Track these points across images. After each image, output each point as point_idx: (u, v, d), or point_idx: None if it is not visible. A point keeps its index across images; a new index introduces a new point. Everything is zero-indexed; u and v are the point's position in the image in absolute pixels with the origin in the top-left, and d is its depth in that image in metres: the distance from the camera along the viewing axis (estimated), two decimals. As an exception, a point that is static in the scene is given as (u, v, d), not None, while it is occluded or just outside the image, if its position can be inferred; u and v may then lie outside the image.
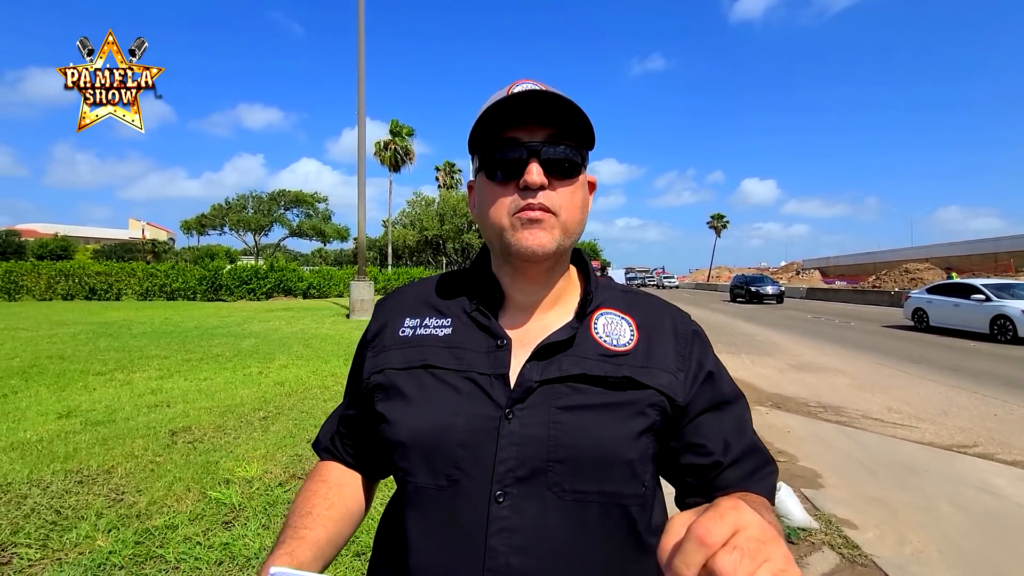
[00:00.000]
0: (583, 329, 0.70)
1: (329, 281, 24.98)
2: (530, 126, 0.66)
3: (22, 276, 18.97)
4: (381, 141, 43.05)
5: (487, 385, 0.65)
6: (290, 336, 9.80)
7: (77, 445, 3.74)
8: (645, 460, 0.65)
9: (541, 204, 0.64)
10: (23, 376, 5.97)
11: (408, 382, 0.68)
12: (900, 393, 6.22)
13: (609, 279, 0.80)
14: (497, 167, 0.66)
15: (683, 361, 0.70)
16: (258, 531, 2.59)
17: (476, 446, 0.63)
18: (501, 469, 0.61)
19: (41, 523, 2.62)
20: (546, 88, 0.66)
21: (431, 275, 0.84)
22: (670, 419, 0.67)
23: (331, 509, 0.72)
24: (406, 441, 0.66)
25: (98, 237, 67.30)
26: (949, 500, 3.22)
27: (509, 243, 0.66)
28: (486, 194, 0.69)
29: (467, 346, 0.69)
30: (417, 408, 0.66)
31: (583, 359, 0.66)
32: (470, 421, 0.64)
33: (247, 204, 48.71)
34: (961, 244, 41.01)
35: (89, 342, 8.59)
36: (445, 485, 0.63)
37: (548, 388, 0.65)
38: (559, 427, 0.63)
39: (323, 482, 0.76)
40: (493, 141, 0.67)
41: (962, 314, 12.01)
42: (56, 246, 44.33)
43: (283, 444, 3.81)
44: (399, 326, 0.74)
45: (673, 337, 0.71)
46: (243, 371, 6.47)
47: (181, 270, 21.87)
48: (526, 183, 0.64)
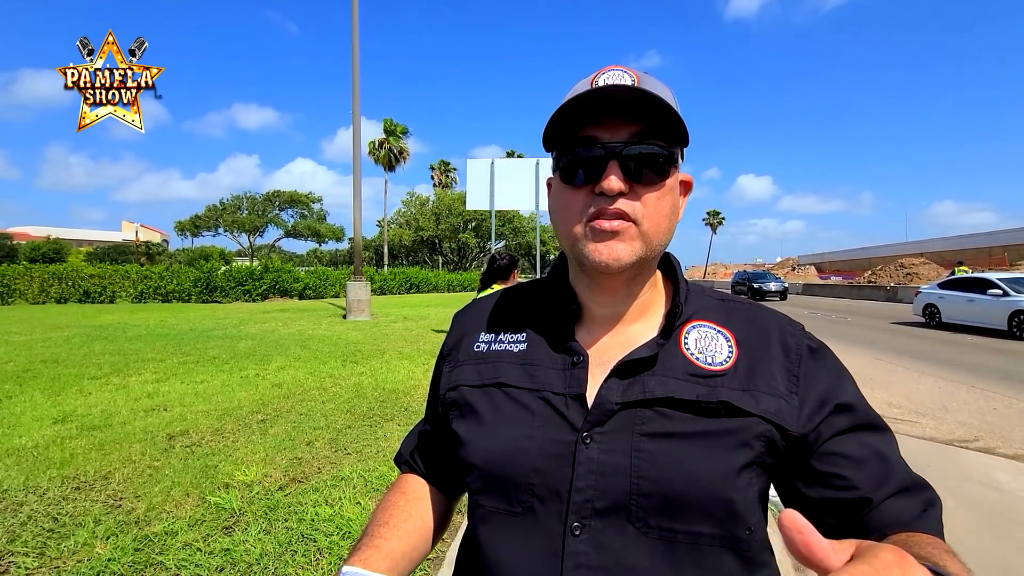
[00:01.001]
0: (671, 344, 0.62)
1: (325, 282, 24.87)
2: (611, 122, 0.58)
3: (15, 280, 18.78)
4: (375, 140, 42.92)
5: (562, 406, 0.60)
6: (287, 337, 9.75)
7: (73, 451, 3.69)
8: (749, 500, 0.56)
9: (618, 211, 0.57)
10: (17, 381, 5.90)
11: (481, 400, 0.65)
12: (900, 388, 6.24)
13: (701, 285, 0.72)
14: (572, 169, 0.60)
15: (795, 383, 0.60)
16: (259, 536, 2.55)
17: (551, 472, 0.58)
18: (578, 499, 0.56)
19: (38, 531, 2.58)
20: (636, 77, 0.60)
21: (522, 280, 0.81)
22: (783, 452, 0.58)
23: (408, 521, 0.69)
24: (479, 464, 0.63)
25: (91, 239, 66.86)
26: (952, 495, 3.22)
27: (582, 253, 0.59)
28: (560, 197, 0.62)
29: (541, 363, 0.65)
30: (490, 430, 0.63)
31: (670, 379, 0.59)
32: (544, 445, 0.59)
33: (242, 205, 48.53)
34: (955, 239, 41.24)
35: (84, 346, 8.51)
36: (519, 512, 0.59)
37: (631, 412, 0.58)
38: (644, 457, 0.56)
39: (402, 494, 0.74)
40: (570, 139, 0.60)
41: (977, 310, 11.59)
42: (49, 249, 44.00)
43: (282, 447, 3.78)
44: (474, 341, 0.71)
45: (783, 353, 0.62)
46: (240, 373, 6.42)
47: (175, 272, 21.72)
48: (602, 189, 0.57)
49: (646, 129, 0.58)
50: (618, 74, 0.60)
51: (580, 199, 0.59)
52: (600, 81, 0.60)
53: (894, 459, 0.58)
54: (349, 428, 4.25)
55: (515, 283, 0.81)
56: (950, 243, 40.92)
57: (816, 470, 0.57)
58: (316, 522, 2.70)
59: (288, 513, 2.80)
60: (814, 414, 0.58)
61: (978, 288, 11.81)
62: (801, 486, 0.58)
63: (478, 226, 47.21)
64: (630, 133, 0.58)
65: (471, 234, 48.12)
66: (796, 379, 0.60)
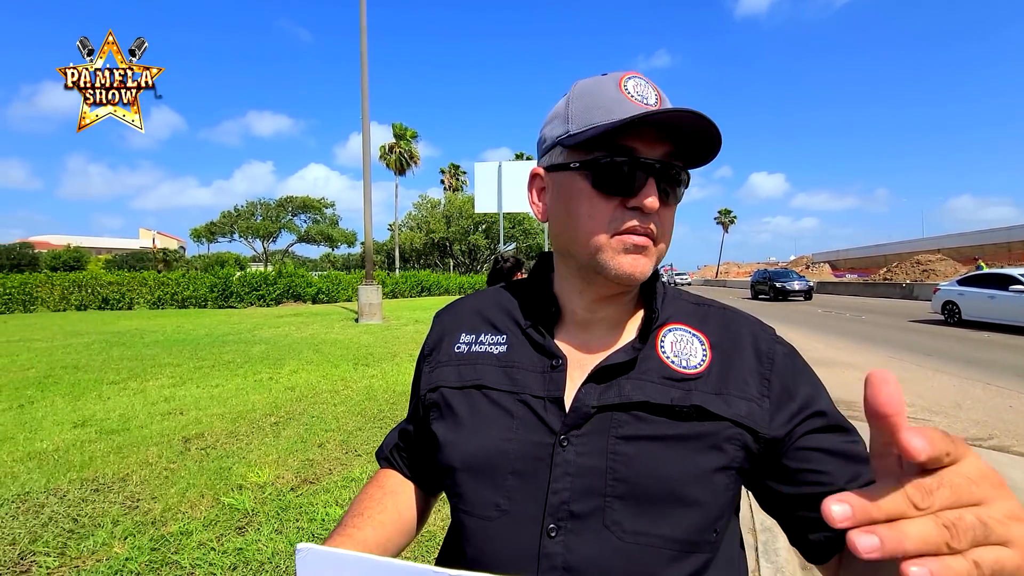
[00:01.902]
0: (647, 349, 0.63)
1: (337, 286, 25.10)
2: (649, 138, 0.58)
3: (36, 287, 19.24)
4: (386, 145, 43.31)
5: (541, 409, 0.61)
6: (300, 341, 9.87)
7: (93, 454, 3.80)
8: (720, 503, 0.57)
9: (649, 230, 0.59)
10: (39, 386, 6.06)
11: (461, 402, 0.66)
12: (913, 386, 6.16)
13: (677, 289, 0.73)
14: (608, 178, 0.58)
15: (767, 386, 0.61)
16: (271, 536, 2.61)
17: (529, 474, 0.59)
18: (554, 500, 0.57)
19: (59, 531, 2.67)
20: (658, 93, 0.60)
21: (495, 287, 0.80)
22: (755, 455, 0.59)
23: (383, 513, 0.70)
24: (458, 466, 0.63)
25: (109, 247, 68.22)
26: (964, 494, 3.19)
27: (606, 265, 0.59)
28: (583, 202, 0.60)
29: (521, 365, 0.65)
30: (469, 432, 0.63)
31: (646, 383, 0.60)
32: (523, 448, 0.60)
33: (256, 211, 49.11)
34: (973, 234, 40.48)
35: (103, 351, 8.71)
36: (495, 516, 0.60)
37: (607, 415, 0.59)
38: (618, 459, 0.57)
39: (379, 487, 0.75)
40: (607, 144, 0.58)
41: (1000, 307, 11.27)
42: (69, 257, 45.01)
43: (294, 449, 3.85)
44: (455, 341, 0.72)
45: (754, 357, 0.63)
46: (254, 377, 6.53)
47: (192, 278, 22.07)
48: (641, 206, 0.57)
49: (675, 150, 0.59)
50: (644, 84, 0.60)
51: (610, 209, 0.59)
52: (630, 88, 0.59)
53: (866, 457, 0.57)
54: (360, 430, 4.31)
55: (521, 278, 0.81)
56: (968, 239, 40.18)
57: (789, 468, 0.58)
58: (327, 522, 2.75)
59: (299, 513, 2.86)
60: (788, 419, 0.59)
61: (1000, 284, 11.50)
62: (775, 485, 0.59)
63: (488, 228, 47.32)
64: (665, 151, 0.58)
65: (481, 236, 48.24)
66: (768, 383, 0.61)
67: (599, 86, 0.60)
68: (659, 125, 0.57)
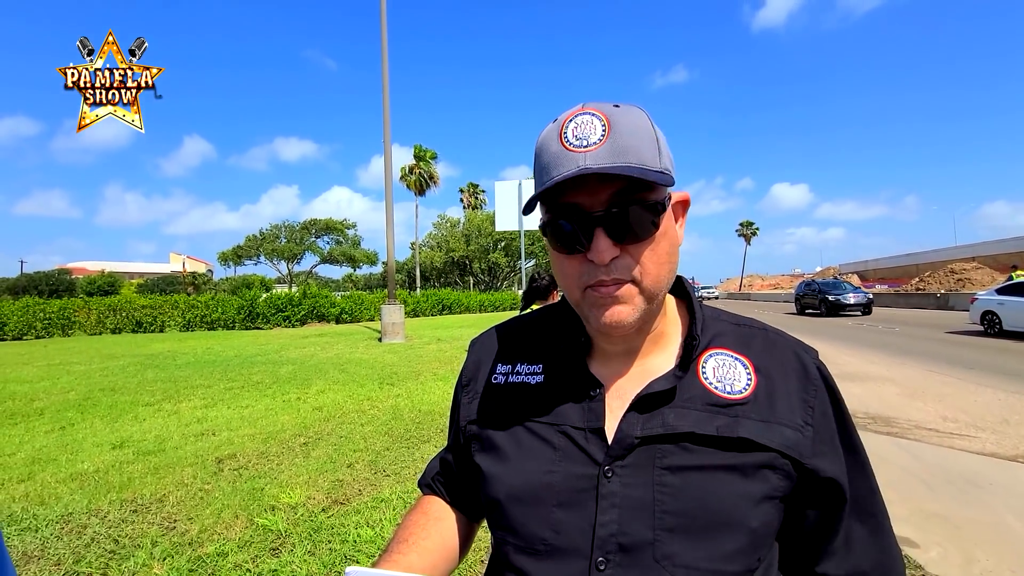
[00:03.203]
0: (688, 375, 0.62)
1: (360, 306, 25.46)
2: (592, 187, 0.55)
3: (74, 312, 20.00)
4: (406, 166, 44.08)
5: (582, 440, 0.60)
6: (325, 362, 10.00)
7: (131, 475, 3.89)
8: (765, 533, 0.57)
9: (616, 278, 0.56)
10: (79, 409, 6.26)
11: (502, 435, 0.66)
12: (955, 401, 5.92)
13: (716, 309, 0.72)
14: (560, 238, 0.58)
15: (810, 413, 0.60)
16: (304, 557, 2.63)
17: (575, 507, 0.58)
18: (602, 533, 0.56)
19: (101, 552, 2.73)
20: (607, 122, 0.54)
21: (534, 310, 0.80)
22: (796, 483, 0.59)
23: (427, 540, 0.69)
24: (503, 500, 0.62)
25: (141, 272, 70.55)
26: (1018, 515, 3.03)
27: (586, 316, 0.60)
28: (555, 261, 0.61)
29: (559, 396, 0.64)
30: (513, 465, 0.63)
31: (690, 411, 0.59)
32: (567, 480, 0.59)
33: (280, 234, 50.41)
34: (1010, 241, 38.96)
35: (137, 374, 8.96)
36: (542, 550, 0.59)
37: (651, 446, 0.58)
38: (666, 490, 0.56)
39: (423, 514, 0.75)
40: (552, 205, 0.58)
41: None
42: (103, 282, 46.67)
43: (324, 470, 3.88)
44: (492, 371, 0.72)
45: (799, 382, 0.62)
46: (282, 397, 6.63)
47: (220, 301, 22.66)
48: (592, 259, 0.55)
49: (628, 185, 0.55)
50: (587, 121, 0.55)
51: (574, 266, 0.58)
52: (569, 135, 0.55)
53: (879, 530, 0.66)
54: (387, 450, 4.33)
55: (555, 302, 0.82)
56: (1005, 245, 38.71)
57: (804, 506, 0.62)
58: (359, 543, 2.76)
59: (331, 535, 2.87)
60: (820, 445, 0.60)
61: None
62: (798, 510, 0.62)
63: (507, 246, 47.59)
64: (611, 193, 0.55)
65: (501, 254, 48.49)
66: (812, 410, 0.60)
67: (545, 141, 0.57)
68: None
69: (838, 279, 25.41)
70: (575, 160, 0.53)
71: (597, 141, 0.54)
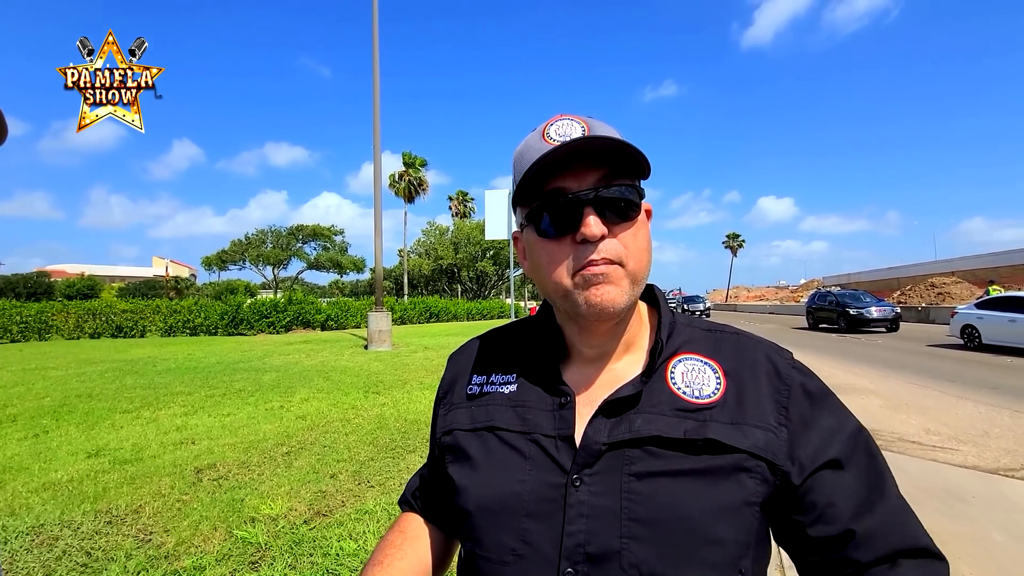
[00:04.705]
0: (656, 380, 0.61)
1: (346, 312, 25.22)
2: (578, 171, 0.58)
3: (52, 316, 19.52)
4: (395, 173, 44.00)
5: (552, 448, 0.60)
6: (310, 369, 9.86)
7: (106, 484, 3.77)
8: (743, 541, 0.55)
9: (605, 258, 0.57)
10: (54, 416, 6.07)
11: (475, 445, 0.65)
12: (937, 414, 6.00)
13: (689, 316, 0.72)
14: (548, 223, 0.59)
15: (784, 414, 0.59)
16: (285, 571, 2.56)
17: (544, 516, 0.58)
18: (570, 543, 0.56)
19: (72, 565, 2.63)
20: (586, 125, 0.61)
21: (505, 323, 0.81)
22: (778, 487, 0.57)
23: (403, 560, 0.69)
24: (472, 510, 0.62)
25: (123, 276, 69.28)
26: (1001, 528, 3.06)
27: (576, 303, 0.59)
28: (539, 252, 0.62)
29: (531, 404, 0.64)
30: (484, 475, 0.63)
31: (657, 416, 0.58)
32: (536, 489, 0.59)
33: (266, 239, 49.85)
34: (988, 256, 39.93)
35: (116, 380, 8.75)
36: (510, 560, 0.58)
37: (619, 452, 0.58)
38: (633, 498, 0.55)
39: (400, 533, 0.75)
40: (538, 193, 0.60)
41: (1021, 330, 11.05)
42: (83, 286, 45.73)
43: (307, 480, 3.80)
44: (467, 383, 0.72)
45: (771, 383, 0.61)
46: (265, 405, 6.51)
47: (203, 306, 22.29)
48: (584, 236, 0.57)
49: (611, 172, 0.59)
50: (567, 123, 0.61)
51: (563, 250, 0.59)
52: (552, 132, 0.60)
53: (882, 487, 0.57)
54: (372, 460, 4.25)
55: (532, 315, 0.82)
56: (983, 260, 39.64)
57: (803, 504, 0.57)
58: (341, 557, 2.69)
59: (313, 547, 2.80)
60: (799, 442, 0.57)
61: (1020, 307, 11.31)
62: (797, 518, 0.57)
63: (496, 254, 47.59)
64: (597, 178, 0.58)
65: (489, 262, 48.48)
66: (785, 411, 0.59)
67: (528, 143, 0.62)
68: (587, 155, 0.58)
69: (858, 291, 21.34)
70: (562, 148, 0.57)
71: (579, 136, 0.59)
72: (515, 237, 0.70)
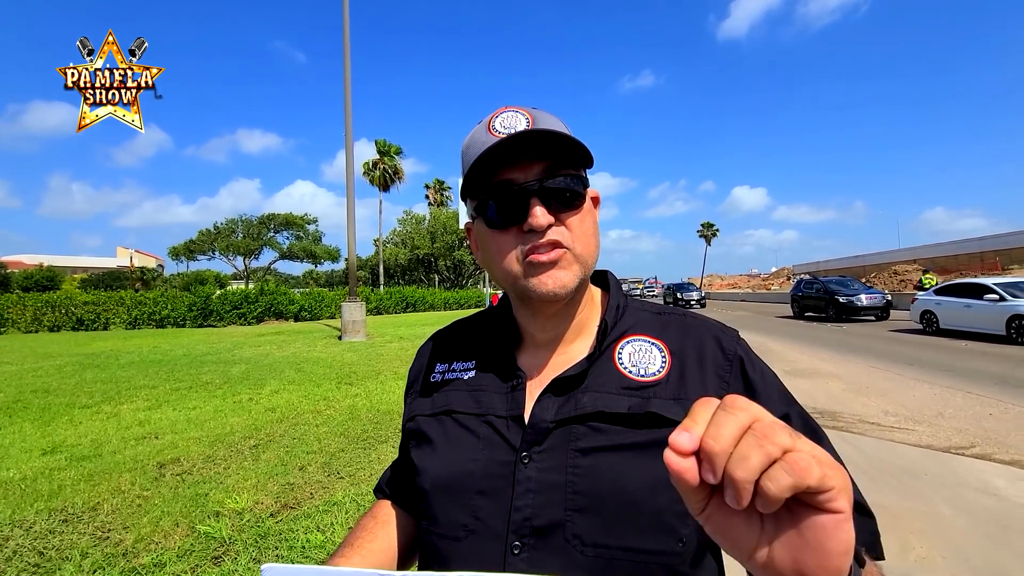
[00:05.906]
0: (604, 360, 0.64)
1: (320, 303, 24.79)
2: (523, 163, 0.61)
3: (7, 309, 18.65)
4: (370, 161, 43.21)
5: (503, 428, 0.63)
6: (281, 360, 9.68)
7: (62, 482, 3.64)
8: (682, 510, 0.54)
9: (551, 241, 0.60)
10: (6, 412, 5.82)
11: (434, 429, 0.68)
12: (895, 396, 6.23)
13: (641, 301, 0.74)
14: (496, 214, 0.62)
15: (725, 388, 0.61)
16: (249, 565, 2.51)
17: (494, 493, 0.60)
18: (517, 518, 0.58)
19: (23, 566, 2.53)
20: (530, 117, 0.63)
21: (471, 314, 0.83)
22: None
23: (373, 542, 0.72)
24: (428, 489, 0.65)
25: (86, 266, 66.63)
26: (949, 503, 3.20)
27: (526, 288, 0.62)
28: (489, 242, 0.65)
29: (487, 388, 0.67)
30: (440, 456, 0.65)
31: (602, 394, 0.61)
32: (487, 467, 0.61)
33: (237, 228, 48.52)
34: (947, 244, 41.47)
35: (75, 374, 8.43)
36: (462, 536, 0.60)
37: (566, 429, 0.60)
38: (577, 472, 0.58)
39: (372, 518, 0.77)
40: (485, 186, 0.62)
41: (975, 315, 11.55)
42: (42, 277, 43.77)
43: (274, 473, 3.73)
44: (432, 372, 0.75)
45: (714, 360, 0.63)
46: (233, 398, 6.37)
47: (170, 297, 21.62)
48: (531, 226, 0.59)
49: (554, 162, 0.61)
50: (512, 115, 0.64)
51: (511, 240, 0.62)
52: (497, 125, 0.63)
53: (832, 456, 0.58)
54: (343, 451, 4.20)
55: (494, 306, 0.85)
56: (943, 249, 41.20)
57: None
58: (307, 549, 2.66)
59: (279, 540, 2.76)
60: None
61: (975, 294, 11.81)
62: None
63: (473, 244, 47.28)
64: (541, 169, 0.61)
65: (466, 252, 48.19)
66: (727, 384, 0.61)
67: (474, 136, 0.65)
68: (531, 147, 0.60)
69: (845, 277, 20.07)
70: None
71: (524, 128, 0.61)
72: (468, 228, 0.72)
